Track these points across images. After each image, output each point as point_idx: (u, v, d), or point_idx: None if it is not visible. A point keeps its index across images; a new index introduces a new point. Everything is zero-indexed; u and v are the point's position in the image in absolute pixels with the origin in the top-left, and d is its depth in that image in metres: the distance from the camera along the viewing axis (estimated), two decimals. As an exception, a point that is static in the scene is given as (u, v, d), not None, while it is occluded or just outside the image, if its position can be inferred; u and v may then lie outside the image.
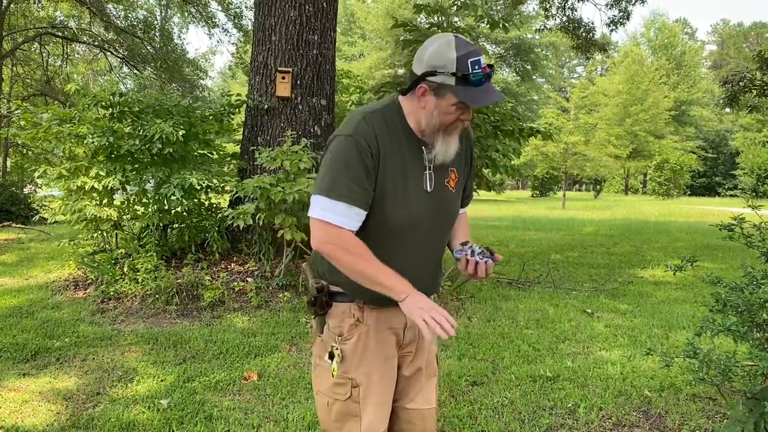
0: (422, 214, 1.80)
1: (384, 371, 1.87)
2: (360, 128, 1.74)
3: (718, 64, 64.63)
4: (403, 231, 1.79)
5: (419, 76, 1.72)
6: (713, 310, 2.67)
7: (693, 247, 10.69)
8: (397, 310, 1.81)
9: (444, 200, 1.86)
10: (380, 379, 1.86)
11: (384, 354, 1.87)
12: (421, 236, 1.83)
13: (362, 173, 1.71)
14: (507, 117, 7.15)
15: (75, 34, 20.44)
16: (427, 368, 1.99)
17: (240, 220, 5.62)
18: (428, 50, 1.71)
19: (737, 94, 13.13)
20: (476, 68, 1.66)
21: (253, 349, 4.44)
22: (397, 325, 1.88)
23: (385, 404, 1.88)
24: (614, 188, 56.90)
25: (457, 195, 1.94)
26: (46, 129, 6.19)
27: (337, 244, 1.71)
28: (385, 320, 1.86)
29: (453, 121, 1.75)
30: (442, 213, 1.87)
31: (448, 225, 1.93)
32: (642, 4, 13.04)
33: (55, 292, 6.06)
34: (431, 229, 1.85)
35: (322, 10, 6.87)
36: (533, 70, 48.77)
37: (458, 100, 1.68)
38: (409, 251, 1.82)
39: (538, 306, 5.97)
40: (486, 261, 1.78)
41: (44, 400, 3.51)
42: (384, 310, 1.85)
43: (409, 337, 1.92)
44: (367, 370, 1.85)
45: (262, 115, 6.81)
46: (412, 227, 1.79)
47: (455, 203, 1.94)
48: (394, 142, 1.78)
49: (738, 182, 47.32)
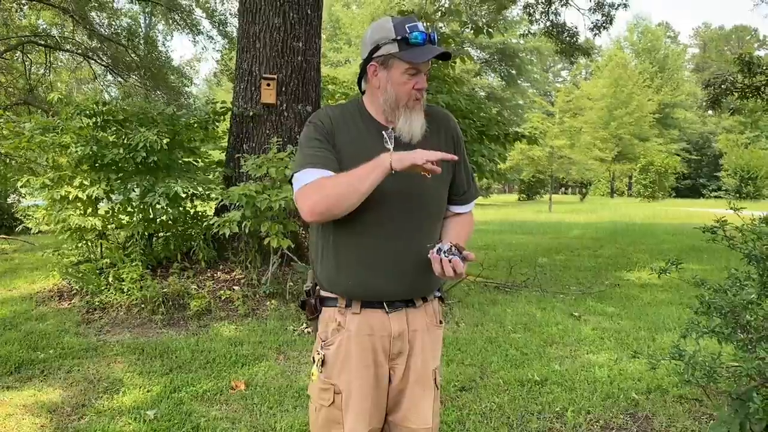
0: (385, 195, 1.76)
1: (365, 379, 1.83)
2: (317, 114, 1.89)
3: (700, 67, 65.31)
4: (369, 212, 1.76)
5: (365, 58, 1.82)
6: (698, 312, 2.68)
7: (678, 249, 10.77)
8: (381, 316, 1.83)
9: (413, 184, 1.80)
10: (360, 387, 1.83)
11: (365, 362, 1.83)
12: (389, 220, 1.81)
13: (319, 144, 1.80)
14: (492, 122, 7.19)
15: (58, 43, 20.27)
16: (420, 383, 1.90)
17: (226, 228, 5.59)
18: (368, 33, 1.84)
19: (719, 96, 13.24)
20: (414, 32, 1.76)
21: (240, 358, 4.41)
22: (381, 332, 1.84)
23: (367, 413, 1.83)
24: (600, 191, 57.23)
25: (436, 181, 1.82)
26: (29, 138, 6.13)
27: (318, 195, 1.71)
28: (367, 327, 1.84)
29: (409, 92, 1.80)
30: (411, 196, 1.82)
31: (423, 211, 1.85)
32: (625, 8, 13.16)
33: (40, 303, 5.99)
34: (401, 214, 1.81)
35: (306, 17, 6.87)
36: (518, 75, 49.05)
37: (405, 63, 1.77)
38: (380, 235, 1.81)
39: (526, 310, 5.99)
40: (451, 258, 1.68)
41: (28, 413, 3.47)
42: (367, 315, 1.83)
43: (397, 347, 1.86)
44: (348, 377, 1.84)
45: (247, 122, 6.79)
46: (375, 209, 1.76)
47: (431, 190, 1.86)
48: (351, 127, 1.85)
49: (722, 184, 47.80)
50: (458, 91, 7.13)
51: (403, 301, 1.87)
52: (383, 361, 1.86)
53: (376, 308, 1.84)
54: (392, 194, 1.78)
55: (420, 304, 1.91)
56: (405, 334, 1.86)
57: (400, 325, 1.86)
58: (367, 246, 1.81)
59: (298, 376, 4.06)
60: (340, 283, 1.85)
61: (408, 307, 1.88)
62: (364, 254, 1.81)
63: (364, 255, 1.81)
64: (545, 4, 13.36)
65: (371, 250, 1.81)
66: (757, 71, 12.57)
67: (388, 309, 1.84)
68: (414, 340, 1.88)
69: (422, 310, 1.92)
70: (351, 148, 1.81)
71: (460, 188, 1.98)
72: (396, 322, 1.85)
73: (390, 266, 1.81)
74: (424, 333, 1.91)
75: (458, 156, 1.88)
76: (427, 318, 1.93)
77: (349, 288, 1.83)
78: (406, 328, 1.87)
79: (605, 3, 12.95)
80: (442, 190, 1.92)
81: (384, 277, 1.82)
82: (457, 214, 2.01)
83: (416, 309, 1.90)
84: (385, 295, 1.84)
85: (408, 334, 1.87)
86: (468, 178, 2.00)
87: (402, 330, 1.86)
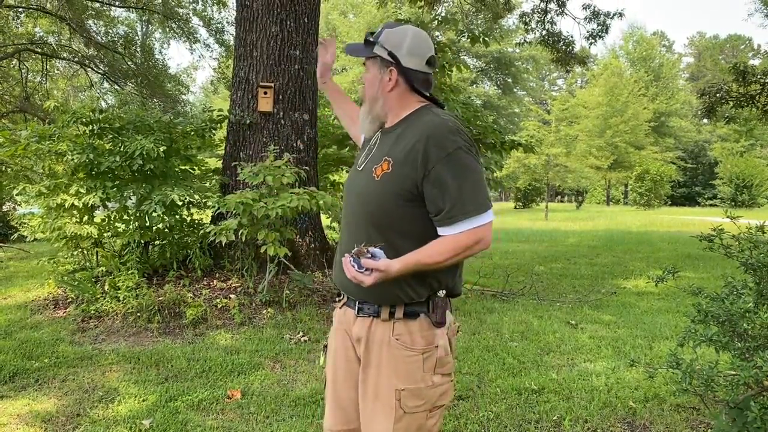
0: (348, 188, 1.93)
1: (337, 371, 1.97)
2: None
3: (695, 76, 65.64)
4: (344, 203, 1.98)
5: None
6: (695, 321, 2.68)
7: (674, 257, 10.79)
8: (350, 315, 1.94)
9: (363, 182, 1.85)
10: (332, 377, 1.98)
11: (341, 355, 1.97)
12: (346, 213, 1.94)
13: None
14: (489, 130, 7.21)
15: (55, 50, 20.28)
16: (374, 400, 1.82)
17: (222, 236, 5.58)
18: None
19: (714, 105, 13.30)
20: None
21: (236, 367, 4.39)
22: (348, 330, 1.95)
23: (336, 405, 1.97)
24: (596, 199, 57.37)
25: (382, 187, 1.78)
26: (25, 146, 6.11)
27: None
28: (340, 320, 1.99)
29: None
30: (357, 196, 1.88)
31: (364, 212, 1.83)
32: (620, 17, 13.22)
33: (35, 312, 5.96)
34: (351, 208, 1.92)
35: (303, 25, 6.89)
36: (514, 83, 49.28)
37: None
38: (342, 232, 1.97)
39: (523, 318, 5.98)
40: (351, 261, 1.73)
41: (23, 422, 3.44)
42: (343, 310, 1.98)
43: (360, 351, 1.89)
44: (328, 368, 2.01)
45: (244, 130, 6.79)
46: (344, 200, 1.97)
47: (376, 193, 1.79)
48: None
49: (717, 192, 47.95)
50: (455, 100, 7.15)
51: (373, 307, 1.84)
52: (355, 358, 1.94)
53: (350, 307, 1.93)
54: (350, 192, 1.93)
55: (386, 318, 1.81)
56: (362, 341, 1.87)
57: (361, 331, 1.87)
58: (340, 239, 1.97)
59: (295, 385, 4.04)
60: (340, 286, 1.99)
61: (376, 316, 1.83)
62: (338, 247, 1.99)
63: (338, 248, 1.98)
64: (541, 14, 13.42)
65: (339, 244, 1.97)
66: (751, 80, 12.65)
67: (357, 313, 1.89)
68: (370, 352, 1.84)
69: (388, 326, 1.81)
70: None
71: (432, 207, 1.75)
72: (359, 326, 1.89)
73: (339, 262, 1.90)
74: (384, 348, 1.81)
75: (426, 173, 1.72)
76: (392, 335, 1.80)
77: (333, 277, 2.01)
78: (365, 335, 1.85)
79: (601, 12, 13.02)
80: (390, 198, 1.77)
81: (339, 272, 1.90)
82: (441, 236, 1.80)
83: (382, 322, 1.82)
84: (344, 288, 1.94)
85: (365, 342, 1.85)
86: (444, 197, 1.72)
87: (361, 336, 1.87)
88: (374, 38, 1.88)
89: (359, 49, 1.91)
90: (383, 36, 1.86)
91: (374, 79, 1.89)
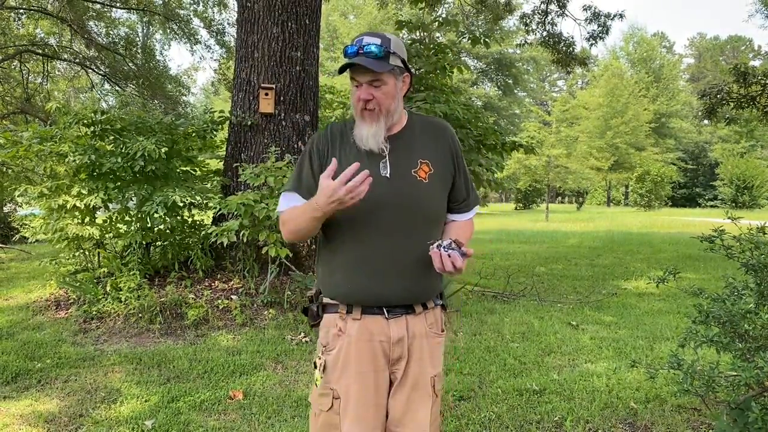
0: (381, 202, 1.83)
1: (364, 384, 1.85)
2: (317, 133, 2.00)
3: (695, 77, 65.67)
4: (367, 219, 1.83)
5: None
6: (696, 322, 2.69)
7: (675, 258, 10.79)
8: (380, 322, 1.86)
9: (409, 187, 1.86)
10: (359, 392, 1.85)
11: (365, 367, 1.86)
12: (386, 226, 1.84)
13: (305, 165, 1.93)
14: (489, 131, 7.22)
15: (56, 52, 20.28)
16: (418, 389, 1.90)
17: (224, 237, 5.59)
18: None
19: (715, 106, 13.30)
20: (353, 44, 1.82)
21: (238, 368, 4.40)
22: (381, 337, 1.86)
23: (364, 420, 1.85)
24: (596, 200, 57.41)
25: (433, 187, 1.89)
26: (26, 147, 6.13)
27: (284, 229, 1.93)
28: (367, 332, 1.86)
29: (355, 103, 1.86)
30: (407, 202, 1.85)
31: (417, 214, 1.87)
32: (620, 18, 13.23)
33: (36, 313, 5.97)
34: (398, 219, 1.84)
35: (304, 26, 6.90)
36: (515, 85, 49.31)
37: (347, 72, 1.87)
38: (377, 241, 1.85)
39: (524, 319, 5.99)
40: (450, 253, 1.72)
41: (25, 423, 3.45)
42: (367, 321, 1.86)
43: (397, 352, 1.88)
44: (347, 382, 1.85)
45: (245, 131, 6.80)
46: (371, 211, 1.82)
47: (428, 194, 1.89)
48: (346, 140, 1.92)
49: (718, 193, 47.97)
50: (455, 101, 7.16)
51: (403, 306, 1.89)
52: (384, 367, 1.88)
53: (376, 314, 1.87)
54: (388, 201, 1.83)
55: (420, 311, 1.92)
56: (404, 340, 1.88)
57: (400, 331, 1.87)
58: (365, 251, 1.84)
59: (297, 386, 4.05)
60: (340, 289, 1.89)
61: (408, 313, 1.90)
62: (363, 260, 1.85)
63: (363, 260, 1.85)
64: (542, 15, 13.44)
65: (369, 256, 1.84)
66: (752, 81, 12.65)
67: (387, 315, 1.86)
68: (413, 347, 1.90)
69: (422, 317, 1.93)
70: (346, 156, 1.89)
71: (459, 196, 2.00)
72: (395, 327, 1.87)
73: (388, 270, 1.84)
74: (423, 340, 1.92)
75: (457, 165, 1.97)
76: (426, 325, 1.93)
77: (350, 293, 1.87)
78: (405, 334, 1.88)
79: (601, 13, 13.03)
80: (439, 196, 1.93)
81: (382, 282, 1.84)
82: (456, 221, 2.04)
83: (416, 316, 1.91)
84: (383, 300, 1.86)
85: (407, 340, 1.89)
86: (467, 186, 2.02)
87: (401, 336, 1.87)
88: (392, 49, 1.83)
89: (382, 64, 1.80)
90: (393, 44, 1.84)
91: (393, 90, 1.85)
